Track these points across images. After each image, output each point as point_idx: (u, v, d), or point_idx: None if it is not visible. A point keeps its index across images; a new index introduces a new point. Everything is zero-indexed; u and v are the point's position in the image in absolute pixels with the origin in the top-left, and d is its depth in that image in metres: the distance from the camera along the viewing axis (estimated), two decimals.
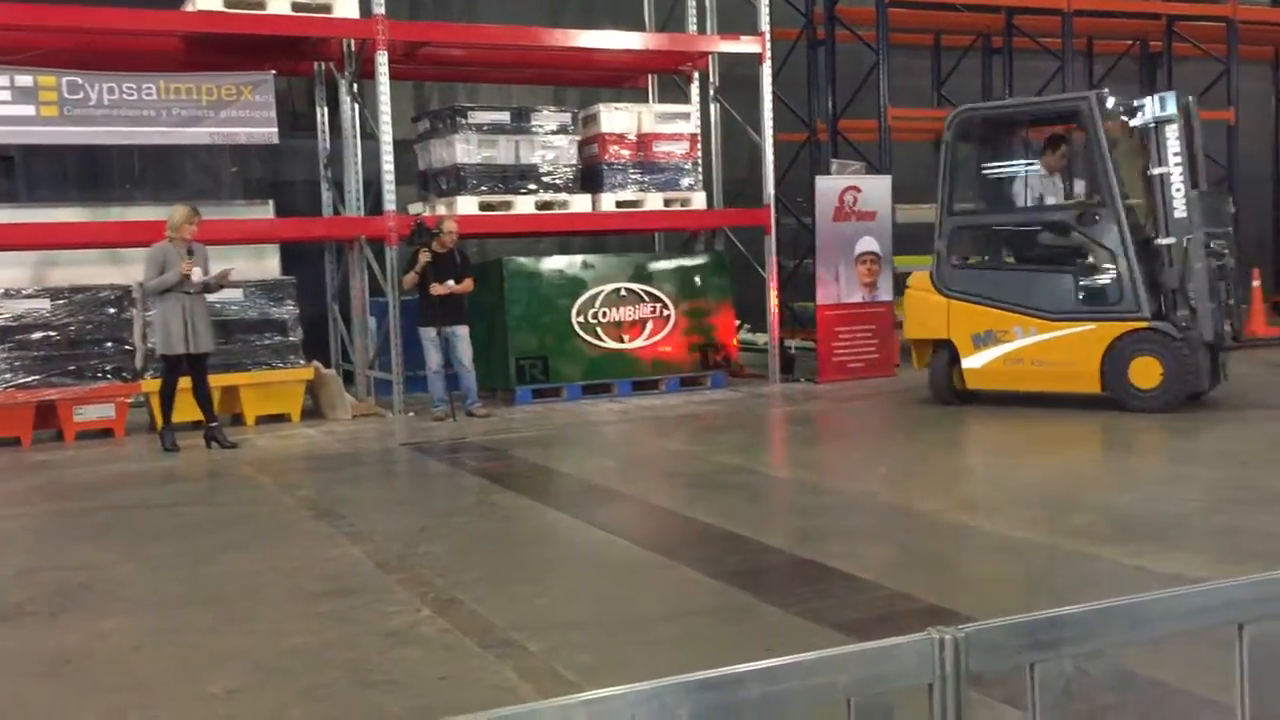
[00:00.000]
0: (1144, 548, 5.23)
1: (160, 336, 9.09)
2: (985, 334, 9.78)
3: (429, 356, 10.63)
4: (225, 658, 4.22)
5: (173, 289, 8.93)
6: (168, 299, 8.97)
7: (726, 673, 1.64)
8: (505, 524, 6.38)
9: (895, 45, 14.37)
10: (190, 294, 9.01)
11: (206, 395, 9.35)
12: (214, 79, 10.68)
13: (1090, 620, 1.83)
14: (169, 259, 8.97)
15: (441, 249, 10.52)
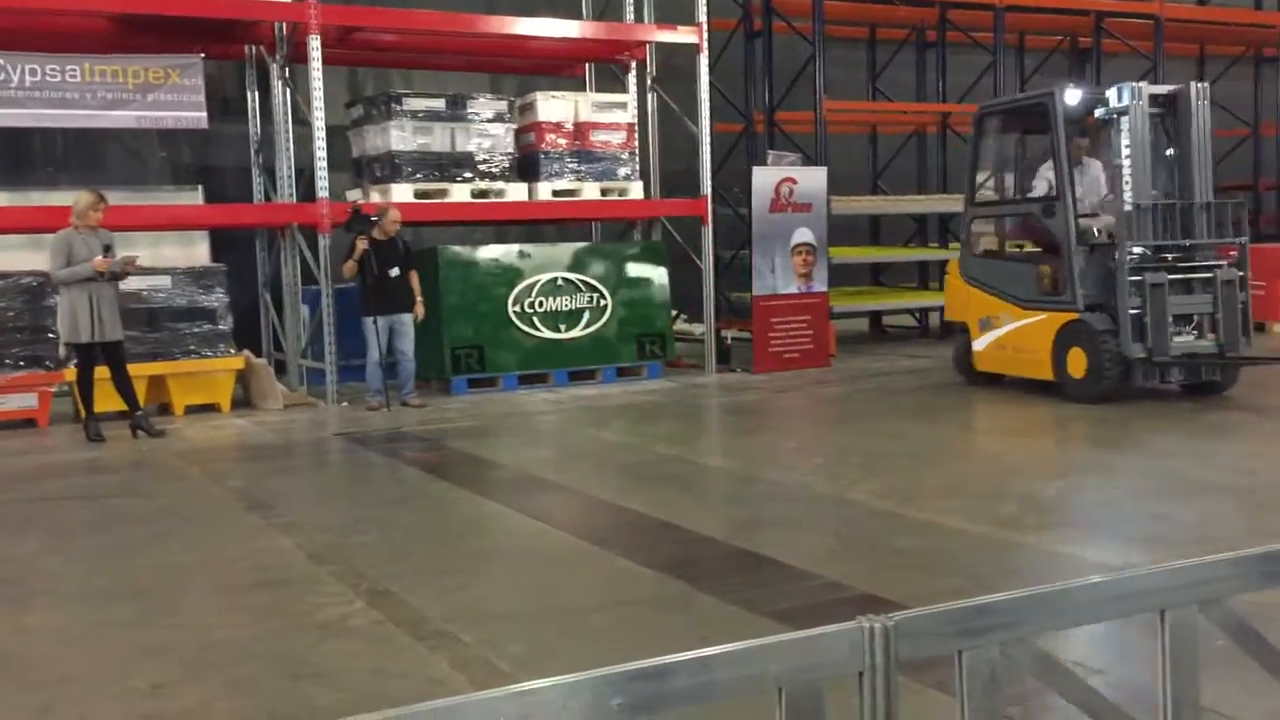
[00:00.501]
0: (1069, 535, 5.33)
1: (66, 325, 8.86)
2: (985, 319, 10.22)
3: (371, 346, 10.48)
4: (152, 652, 4.14)
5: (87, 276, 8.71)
6: (73, 287, 8.74)
7: (658, 663, 1.64)
8: (440, 515, 6.34)
9: (831, 38, 14.46)
10: (98, 281, 8.79)
11: (127, 384, 9.16)
12: (141, 61, 10.45)
13: (1017, 607, 1.86)
14: (75, 247, 8.74)
15: (384, 236, 10.40)
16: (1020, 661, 1.88)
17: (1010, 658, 1.87)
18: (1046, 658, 1.96)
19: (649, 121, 13.51)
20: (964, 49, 15.94)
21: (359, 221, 10.38)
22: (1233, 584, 2.08)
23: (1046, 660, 1.97)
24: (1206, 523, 5.51)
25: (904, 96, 16.73)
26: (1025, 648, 1.87)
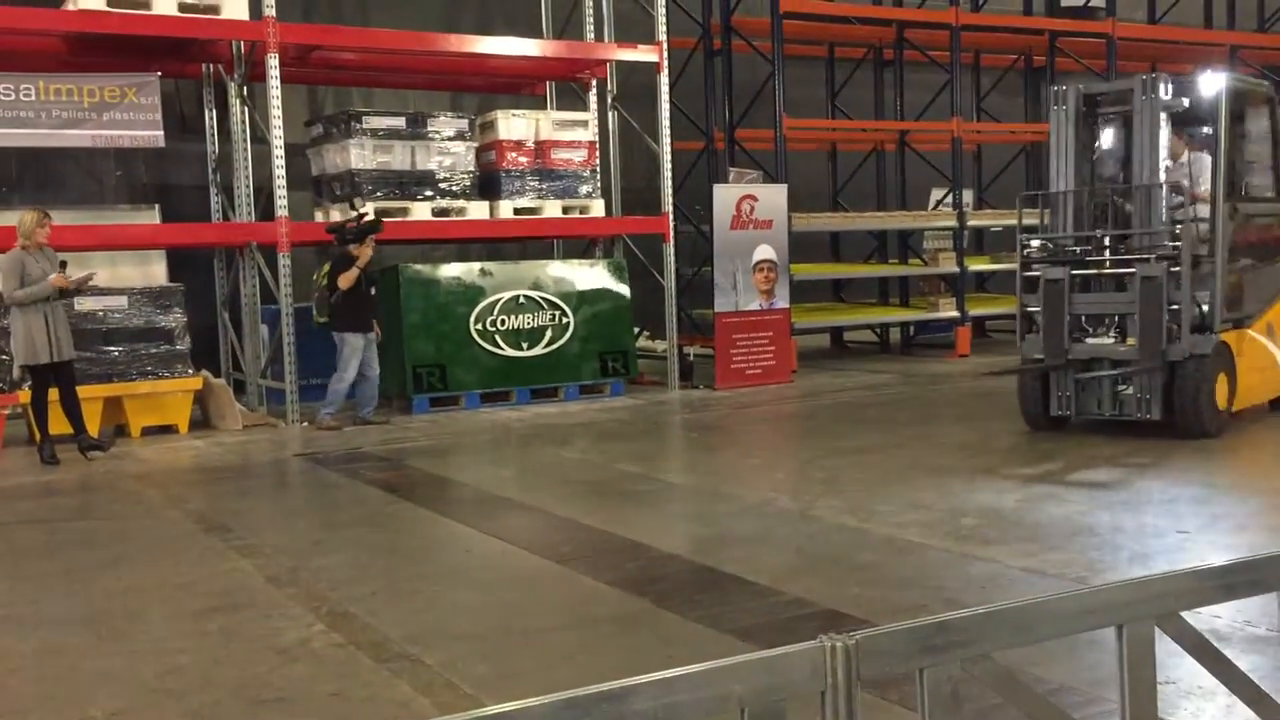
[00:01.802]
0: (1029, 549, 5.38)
1: (22, 346, 8.72)
2: None
3: (351, 364, 10.34)
4: (107, 679, 4.08)
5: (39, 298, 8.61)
6: (28, 308, 8.63)
7: (622, 685, 1.63)
8: (401, 535, 6.29)
9: (790, 56, 14.56)
10: (51, 301, 8.70)
11: (75, 405, 9.03)
12: (96, 80, 10.35)
13: (977, 625, 1.87)
14: (28, 266, 8.64)
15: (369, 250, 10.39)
16: (981, 678, 1.90)
17: (971, 674, 1.88)
18: (1007, 674, 1.97)
19: (610, 139, 13.55)
20: (921, 67, 16.11)
21: (369, 229, 10.36)
22: (1189, 598, 2.10)
23: (1007, 677, 1.98)
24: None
25: (863, 114, 16.89)
26: (986, 664, 1.89)
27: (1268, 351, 8.82)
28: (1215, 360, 8.06)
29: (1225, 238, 8.23)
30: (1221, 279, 8.19)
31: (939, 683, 1.81)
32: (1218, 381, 8.11)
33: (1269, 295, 8.85)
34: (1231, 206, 8.33)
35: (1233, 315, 8.46)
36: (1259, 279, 8.77)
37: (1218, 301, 8.16)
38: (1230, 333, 8.37)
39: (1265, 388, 8.89)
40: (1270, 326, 8.87)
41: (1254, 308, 8.70)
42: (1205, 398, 7.98)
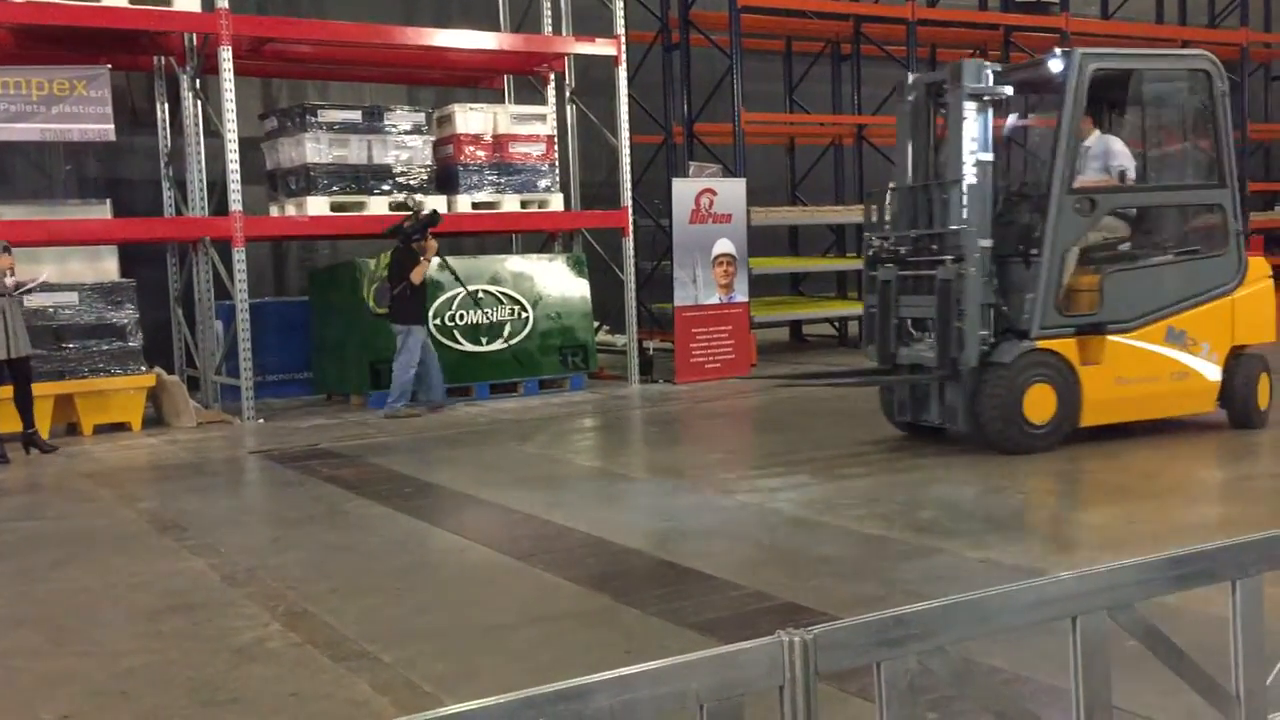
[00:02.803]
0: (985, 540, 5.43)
1: None
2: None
3: (416, 353, 10.47)
4: (59, 681, 4.01)
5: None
6: None
7: (580, 683, 1.63)
8: (359, 533, 6.24)
9: (749, 50, 14.60)
10: (6, 296, 8.68)
11: (29, 402, 8.99)
12: (45, 73, 10.18)
13: (934, 617, 1.88)
14: None
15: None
16: (937, 670, 1.91)
17: (927, 667, 1.89)
18: (963, 666, 1.99)
19: (568, 133, 13.51)
20: (878, 62, 16.20)
21: (429, 222, 10.47)
22: (1141, 589, 2.12)
23: (963, 668, 1.99)
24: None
25: (820, 108, 16.96)
26: (942, 657, 1.90)
27: (1155, 361, 7.68)
28: (1026, 369, 7.31)
29: (1058, 232, 7.39)
30: (1048, 279, 7.37)
31: (896, 675, 1.82)
32: (1029, 393, 7.32)
33: (1170, 297, 7.74)
34: (1088, 199, 7.49)
35: (1086, 319, 7.55)
36: (1148, 278, 7.75)
37: (1039, 304, 7.35)
38: (1068, 340, 7.48)
39: (1148, 402, 7.77)
40: (1179, 332, 7.76)
41: (1133, 311, 7.63)
42: (1005, 410, 7.27)
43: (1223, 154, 8.00)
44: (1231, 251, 7.93)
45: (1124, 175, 7.92)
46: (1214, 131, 8.04)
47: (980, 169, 7.44)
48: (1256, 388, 8.02)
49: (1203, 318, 7.82)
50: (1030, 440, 7.41)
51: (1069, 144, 7.48)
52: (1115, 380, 7.60)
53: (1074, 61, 7.53)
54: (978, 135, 7.46)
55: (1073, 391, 7.48)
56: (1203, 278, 7.89)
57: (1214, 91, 7.94)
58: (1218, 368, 7.89)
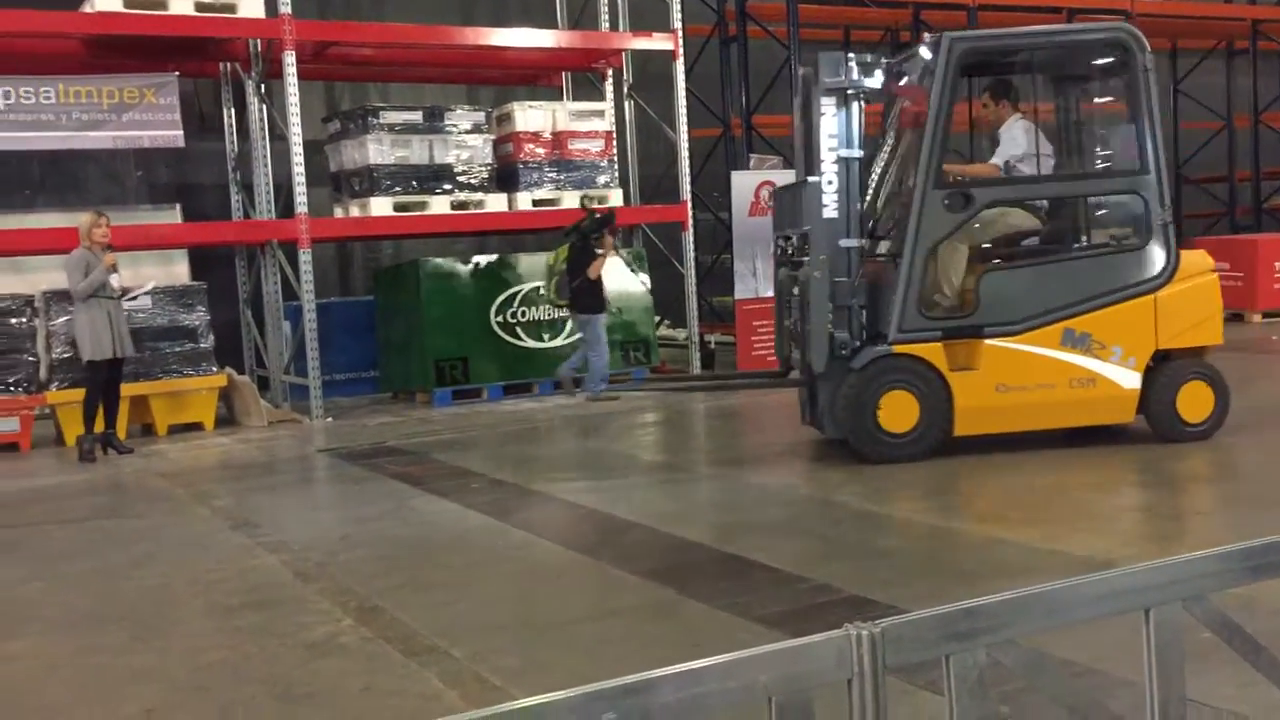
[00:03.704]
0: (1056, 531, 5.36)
1: (89, 342, 8.93)
2: None
3: (604, 339, 10.87)
4: (141, 677, 4.12)
5: (97, 295, 8.87)
6: (92, 305, 8.89)
7: (648, 676, 1.64)
8: (426, 529, 6.32)
9: (806, 41, 14.49)
10: (113, 299, 9.00)
11: (117, 403, 9.28)
12: (116, 81, 10.41)
13: (1003, 610, 1.87)
14: (91, 264, 8.91)
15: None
16: (1008, 663, 1.90)
17: (997, 660, 1.88)
18: (1034, 658, 1.97)
19: (627, 129, 13.54)
20: None
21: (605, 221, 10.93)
22: (1216, 580, 2.09)
23: (1034, 660, 1.98)
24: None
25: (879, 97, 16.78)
26: (1012, 649, 1.88)
27: (1048, 367, 6.99)
28: (880, 375, 6.94)
29: (921, 230, 6.92)
30: (908, 279, 6.91)
31: (966, 668, 1.81)
32: (884, 400, 6.92)
33: (1065, 297, 7.04)
34: (960, 194, 6.96)
35: (954, 322, 7.06)
36: (1036, 277, 7.16)
37: (898, 306, 6.92)
38: (933, 344, 6.98)
39: (1042, 411, 7.07)
40: (1081, 335, 7.02)
41: (1017, 312, 7.00)
42: (858, 417, 6.92)
43: (1145, 136, 7.07)
44: (1155, 245, 7.03)
45: (1008, 165, 7.45)
46: (1135, 111, 7.17)
47: (842, 166, 7.05)
48: (1176, 396, 7.07)
49: (1112, 319, 6.98)
50: (888, 449, 6.94)
51: (935, 134, 6.95)
52: (995, 388, 6.96)
53: (941, 46, 7.02)
54: (838, 131, 7.04)
55: (940, 399, 6.93)
56: (1113, 274, 7.08)
57: (1134, 67, 7.12)
58: (1136, 374, 7.02)
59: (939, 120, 6.97)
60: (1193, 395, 7.10)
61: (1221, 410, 7.15)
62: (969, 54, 7.16)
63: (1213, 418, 7.14)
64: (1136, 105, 7.15)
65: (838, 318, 6.99)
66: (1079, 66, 7.84)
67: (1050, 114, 8.07)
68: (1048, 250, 7.41)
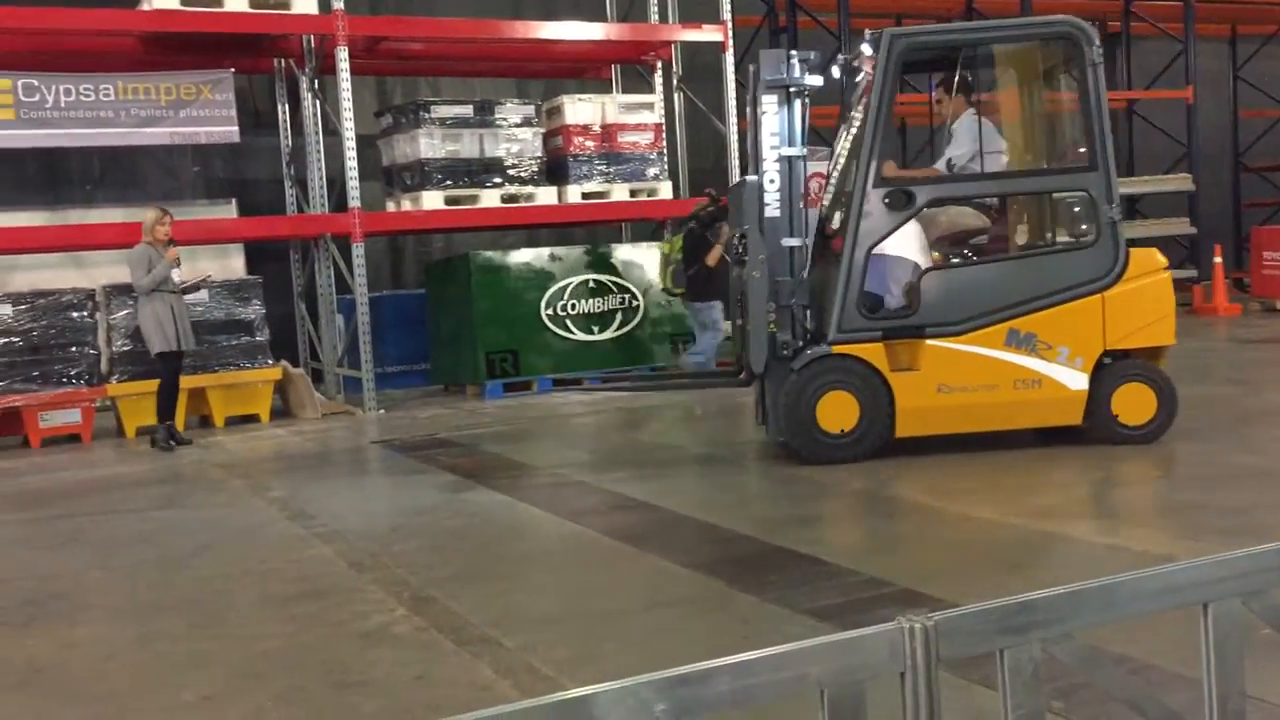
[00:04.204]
0: None
1: (156, 335, 9.15)
2: None
3: (721, 324, 10.98)
4: (198, 663, 4.19)
5: (159, 289, 9.06)
6: (155, 299, 9.09)
7: (701, 667, 1.65)
8: (477, 519, 6.37)
9: (857, 30, 14.39)
10: (175, 293, 9.21)
11: (175, 394, 9.47)
12: (172, 78, 10.58)
13: (1059, 604, 1.85)
14: (153, 260, 9.11)
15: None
16: (1063, 658, 1.88)
17: (1053, 654, 1.86)
18: (1090, 653, 1.95)
19: (676, 121, 13.52)
20: None
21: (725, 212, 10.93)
22: (1277, 575, 2.06)
23: (1090, 655, 1.96)
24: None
25: None
26: (1068, 644, 1.87)
27: (991, 368, 6.83)
28: (819, 376, 6.82)
29: (861, 229, 6.82)
30: (848, 278, 6.82)
31: (1020, 662, 1.80)
32: (823, 401, 6.81)
33: (1010, 296, 6.87)
34: (902, 192, 6.81)
35: (895, 322, 6.94)
36: (980, 276, 7.05)
37: (838, 306, 6.83)
38: (874, 344, 6.86)
39: (985, 412, 6.92)
40: (1026, 335, 6.85)
41: (960, 312, 6.86)
42: (796, 418, 6.83)
43: (1094, 133, 6.89)
44: (1104, 243, 6.83)
45: (950, 164, 7.36)
46: (1084, 107, 6.97)
47: (784, 164, 6.96)
48: (1111, 398, 6.88)
49: (1059, 319, 6.81)
50: (826, 450, 6.85)
51: (875, 131, 6.83)
52: (936, 388, 6.83)
53: (883, 41, 6.92)
54: (779, 129, 6.95)
55: (881, 400, 6.83)
56: (1060, 273, 6.90)
57: (1083, 61, 6.91)
58: (1084, 375, 6.83)
59: (879, 117, 6.86)
60: (1131, 397, 6.91)
61: (1165, 413, 6.94)
62: (911, 50, 7.06)
63: (1155, 421, 6.93)
64: (1085, 100, 6.95)
65: (781, 318, 6.93)
66: (1027, 61, 7.68)
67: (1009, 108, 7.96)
68: (992, 249, 7.31)
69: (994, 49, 7.66)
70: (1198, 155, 16.32)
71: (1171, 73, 16.49)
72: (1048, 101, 7.85)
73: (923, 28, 8.39)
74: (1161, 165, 16.80)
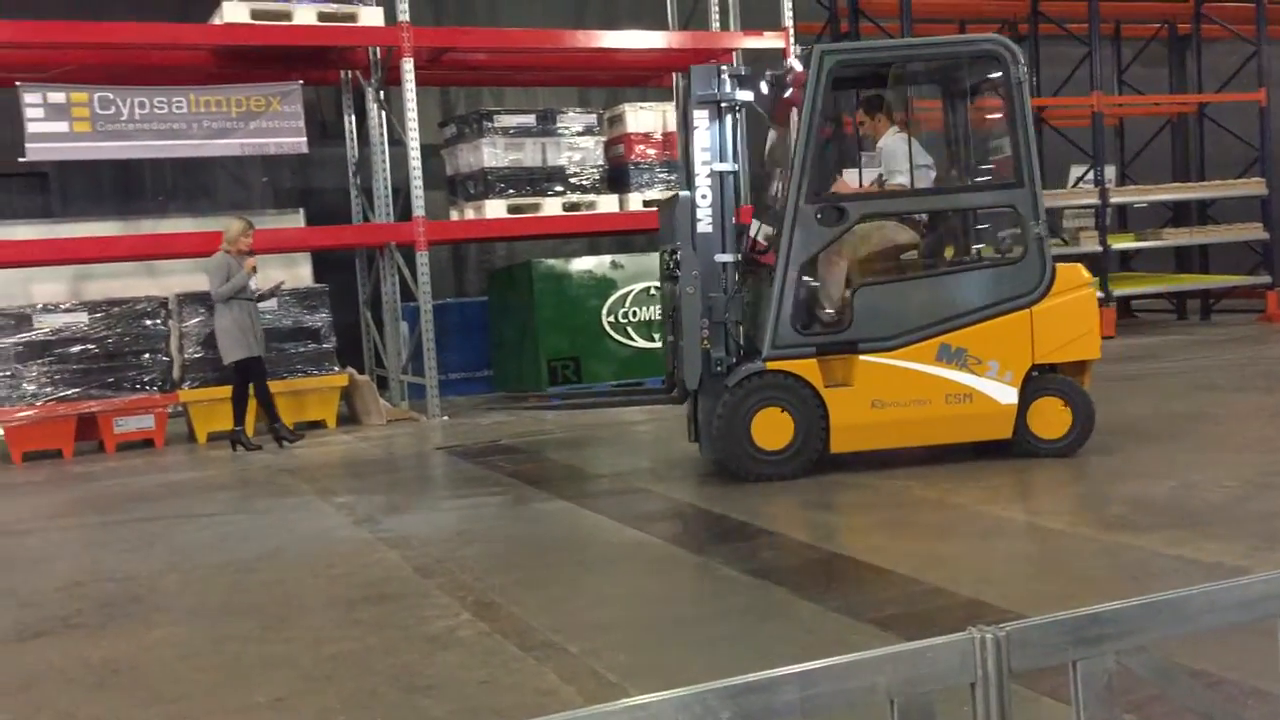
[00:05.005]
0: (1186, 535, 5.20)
1: (233, 342, 9.40)
2: None
3: None
4: (270, 666, 4.27)
5: (237, 296, 9.31)
6: (233, 307, 9.34)
7: (767, 676, 1.65)
8: (540, 526, 6.41)
9: (921, 35, 14.30)
10: (251, 301, 9.48)
11: (270, 396, 9.76)
12: (243, 90, 10.78)
13: (1134, 616, 1.83)
14: (232, 269, 9.35)
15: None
16: (1137, 670, 1.86)
17: (1126, 667, 1.84)
18: (1165, 666, 1.93)
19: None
20: (1058, 40, 15.64)
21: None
22: None
23: (1165, 668, 1.94)
24: None
25: None
26: (1142, 656, 1.85)
27: (923, 383, 6.88)
28: (754, 393, 6.81)
29: (794, 244, 6.82)
30: (782, 295, 6.81)
31: (1094, 675, 1.78)
32: (758, 418, 6.80)
33: (941, 311, 6.93)
34: (834, 207, 6.84)
35: (829, 338, 6.95)
36: (912, 291, 7.10)
37: (772, 322, 6.81)
38: (809, 360, 6.86)
39: (918, 428, 7.00)
40: (957, 350, 6.91)
41: (892, 327, 6.91)
42: (731, 435, 6.83)
43: (1020, 150, 7.01)
44: (1032, 259, 6.94)
45: (882, 180, 7.40)
46: (1010, 124, 7.09)
47: (716, 179, 6.94)
48: (1027, 412, 6.96)
49: (989, 333, 6.90)
50: (761, 468, 6.85)
51: (806, 147, 6.84)
52: (870, 404, 6.88)
53: (813, 58, 6.93)
54: (711, 144, 6.95)
55: (815, 416, 6.84)
56: (990, 289, 7.00)
57: (1009, 79, 7.02)
58: (1013, 389, 6.92)
59: (810, 133, 6.87)
60: (1045, 411, 7.01)
61: (1081, 427, 7.04)
62: (841, 66, 7.08)
63: (1071, 434, 7.03)
64: (1011, 118, 7.05)
65: (714, 334, 6.90)
66: (955, 78, 7.66)
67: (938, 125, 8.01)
68: (924, 264, 7.35)
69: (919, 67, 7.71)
70: (1271, 159, 15.95)
71: (1244, 75, 16.14)
72: (976, 119, 7.91)
73: (852, 44, 8.61)
74: (1234, 169, 16.46)
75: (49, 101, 10.12)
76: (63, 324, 10.13)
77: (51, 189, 12.90)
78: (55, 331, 10.09)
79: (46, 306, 10.24)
